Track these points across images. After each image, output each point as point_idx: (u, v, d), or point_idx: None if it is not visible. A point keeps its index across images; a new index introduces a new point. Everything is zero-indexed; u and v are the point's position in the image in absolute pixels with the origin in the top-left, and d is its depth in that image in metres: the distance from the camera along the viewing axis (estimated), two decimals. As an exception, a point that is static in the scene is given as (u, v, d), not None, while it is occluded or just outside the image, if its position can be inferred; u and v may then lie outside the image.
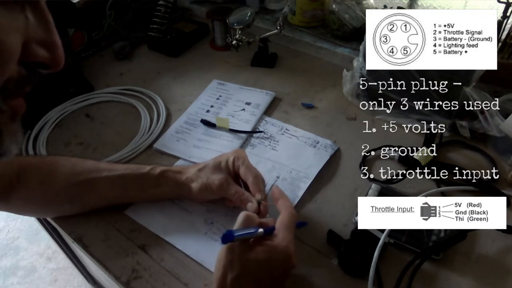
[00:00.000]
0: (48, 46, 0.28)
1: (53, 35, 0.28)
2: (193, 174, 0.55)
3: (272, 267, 0.42)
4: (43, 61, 0.28)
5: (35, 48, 0.27)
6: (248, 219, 0.44)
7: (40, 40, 0.28)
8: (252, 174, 0.53)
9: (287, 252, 0.43)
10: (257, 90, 0.80)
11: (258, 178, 0.53)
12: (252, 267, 0.41)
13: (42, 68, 0.29)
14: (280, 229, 0.45)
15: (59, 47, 0.29)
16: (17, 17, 0.25)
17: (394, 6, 0.80)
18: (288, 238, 0.44)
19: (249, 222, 0.44)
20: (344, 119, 0.74)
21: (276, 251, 0.42)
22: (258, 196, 0.52)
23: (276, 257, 0.42)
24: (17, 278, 1.47)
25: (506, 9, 0.67)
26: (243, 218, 0.44)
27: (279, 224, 0.45)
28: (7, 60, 0.25)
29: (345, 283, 0.49)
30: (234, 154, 0.55)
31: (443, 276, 0.49)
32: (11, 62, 0.26)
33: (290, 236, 0.44)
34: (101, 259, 0.52)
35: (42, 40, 0.28)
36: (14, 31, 0.25)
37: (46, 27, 0.28)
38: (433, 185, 0.60)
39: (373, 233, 0.51)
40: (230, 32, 0.86)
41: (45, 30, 0.28)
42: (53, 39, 0.28)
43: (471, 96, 0.62)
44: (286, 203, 0.48)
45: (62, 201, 0.55)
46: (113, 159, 0.66)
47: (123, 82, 0.86)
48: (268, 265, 0.42)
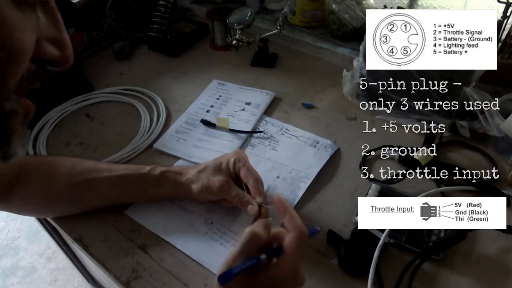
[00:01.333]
0: (58, 44, 0.29)
1: (63, 34, 0.29)
2: (193, 175, 0.55)
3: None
4: (54, 58, 0.29)
5: (46, 46, 0.28)
6: (254, 239, 0.39)
7: (50, 38, 0.28)
8: (253, 177, 0.53)
9: (295, 277, 0.39)
10: (257, 90, 0.80)
11: (259, 181, 0.53)
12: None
13: (52, 65, 0.30)
14: (288, 252, 0.39)
15: (69, 45, 0.30)
16: (30, 16, 0.26)
17: (394, 6, 0.80)
18: (296, 262, 0.39)
19: (255, 241, 0.39)
20: (344, 119, 0.74)
21: (283, 276, 0.38)
22: (259, 199, 0.52)
23: (282, 282, 0.38)
24: (17, 278, 1.47)
25: (506, 9, 0.67)
26: (248, 237, 0.39)
27: (287, 246, 0.39)
28: (23, 58, 0.26)
29: (345, 283, 0.49)
30: (235, 156, 0.55)
31: (443, 276, 0.49)
32: (27, 59, 0.26)
33: (299, 259, 0.39)
34: (101, 259, 0.52)
35: (52, 38, 0.29)
36: (28, 29, 0.26)
37: (56, 26, 0.29)
38: (433, 185, 0.60)
39: (373, 233, 0.51)
40: (230, 32, 0.86)
41: (55, 28, 0.29)
42: (63, 37, 0.29)
43: (471, 96, 0.62)
44: (294, 222, 0.40)
45: (62, 201, 0.55)
46: (113, 159, 0.66)
47: (123, 82, 0.86)
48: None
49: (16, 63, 0.26)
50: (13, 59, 0.25)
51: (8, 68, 0.26)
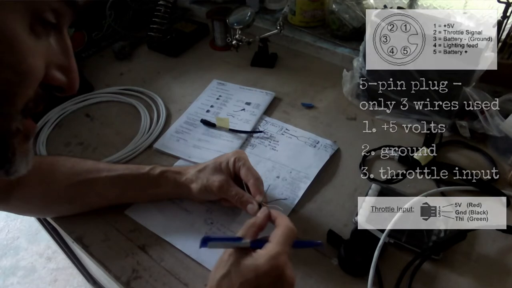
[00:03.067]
0: (66, 71, 0.30)
1: (71, 61, 0.30)
2: (192, 175, 0.55)
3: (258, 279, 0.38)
4: (60, 84, 0.30)
5: (54, 72, 0.29)
6: (252, 226, 0.43)
7: (59, 65, 0.30)
8: (253, 176, 0.53)
9: (274, 264, 0.38)
10: (257, 90, 0.80)
11: (259, 180, 0.53)
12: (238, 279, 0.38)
13: (57, 91, 0.31)
14: (271, 241, 0.41)
15: (76, 72, 0.31)
16: (43, 42, 0.28)
17: (394, 6, 0.79)
18: (276, 250, 0.39)
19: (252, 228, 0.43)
20: (344, 119, 0.74)
21: (262, 266, 0.38)
22: (259, 198, 0.52)
23: (261, 269, 0.38)
24: (17, 278, 1.47)
25: (506, 9, 0.67)
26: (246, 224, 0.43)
27: (272, 236, 0.41)
28: (33, 82, 0.28)
29: (345, 283, 0.49)
30: (235, 155, 0.55)
31: (443, 276, 0.49)
32: (36, 83, 0.28)
33: (280, 248, 0.39)
34: (101, 259, 0.52)
35: (61, 64, 0.30)
36: (40, 55, 0.27)
37: (66, 53, 0.30)
38: (433, 185, 0.60)
39: (373, 233, 0.51)
40: (230, 32, 0.86)
41: (65, 55, 0.30)
42: (71, 65, 0.30)
43: (471, 96, 0.62)
44: (283, 219, 0.44)
45: (62, 201, 0.55)
46: (113, 159, 0.66)
47: (123, 82, 0.86)
48: (253, 277, 0.38)
49: (26, 87, 0.27)
50: (23, 82, 0.27)
51: (18, 91, 0.27)
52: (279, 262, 0.38)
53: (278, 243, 0.40)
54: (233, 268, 0.38)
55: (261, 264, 0.38)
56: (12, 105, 0.27)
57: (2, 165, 0.30)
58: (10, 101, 0.27)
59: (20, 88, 0.27)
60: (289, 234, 0.41)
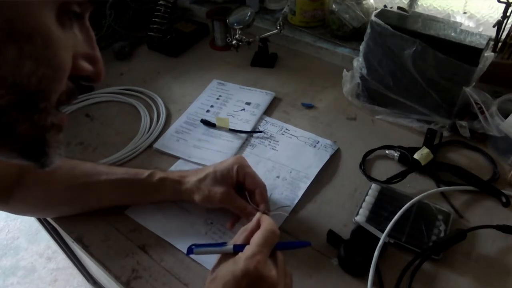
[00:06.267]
0: (92, 60, 0.30)
1: (96, 50, 0.31)
2: (192, 185, 0.54)
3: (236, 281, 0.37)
4: (87, 74, 0.30)
5: (81, 63, 0.30)
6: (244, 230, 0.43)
7: (85, 54, 0.30)
8: (259, 185, 0.54)
9: (249, 265, 0.37)
10: (257, 90, 0.80)
11: (265, 188, 0.54)
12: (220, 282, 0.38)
13: (85, 81, 0.31)
14: (250, 243, 0.40)
15: (101, 61, 0.31)
16: (69, 33, 0.28)
17: (394, 6, 0.79)
18: (252, 251, 0.39)
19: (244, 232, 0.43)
20: (344, 119, 0.74)
21: (237, 265, 0.38)
22: (263, 207, 0.52)
23: (237, 271, 0.37)
24: (17, 278, 1.47)
25: (506, 9, 0.67)
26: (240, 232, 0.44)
27: (252, 239, 0.41)
28: (64, 75, 0.28)
29: (345, 283, 0.49)
30: (237, 163, 0.54)
31: (443, 276, 0.49)
32: (66, 76, 0.28)
33: (257, 249, 0.39)
34: (101, 259, 0.52)
35: (86, 54, 0.30)
36: (68, 47, 0.28)
37: (90, 43, 0.30)
38: (433, 185, 0.60)
39: (373, 233, 0.51)
40: (230, 32, 0.86)
41: (89, 45, 0.30)
42: (96, 54, 0.31)
43: (471, 96, 0.62)
44: (265, 222, 0.43)
45: (61, 202, 0.55)
46: (113, 159, 0.66)
47: (123, 82, 0.86)
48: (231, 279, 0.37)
49: (59, 81, 0.27)
50: (57, 76, 0.27)
51: (53, 85, 0.27)
52: (254, 262, 0.38)
53: (255, 245, 0.40)
54: (218, 272, 0.39)
55: (238, 266, 0.38)
56: (48, 100, 0.28)
57: (39, 159, 0.30)
58: (46, 97, 0.27)
59: (54, 83, 0.27)
60: (268, 235, 0.41)
